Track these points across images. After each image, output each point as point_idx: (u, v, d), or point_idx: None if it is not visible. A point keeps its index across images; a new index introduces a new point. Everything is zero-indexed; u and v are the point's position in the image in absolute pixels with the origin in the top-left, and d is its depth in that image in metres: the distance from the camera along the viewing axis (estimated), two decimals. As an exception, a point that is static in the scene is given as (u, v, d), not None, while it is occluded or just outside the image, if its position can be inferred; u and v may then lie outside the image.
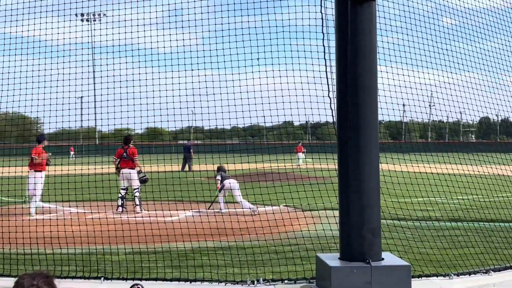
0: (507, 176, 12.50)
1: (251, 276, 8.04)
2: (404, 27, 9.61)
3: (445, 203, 14.76)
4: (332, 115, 7.40)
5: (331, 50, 7.35)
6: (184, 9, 9.69)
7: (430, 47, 9.88)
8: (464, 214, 13.48)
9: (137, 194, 16.78)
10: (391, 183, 10.01)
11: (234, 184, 16.68)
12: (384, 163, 7.52)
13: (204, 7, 9.98)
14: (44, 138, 16.80)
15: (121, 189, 16.68)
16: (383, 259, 6.63)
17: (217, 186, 17.16)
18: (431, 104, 10.37)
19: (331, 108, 7.48)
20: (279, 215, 9.76)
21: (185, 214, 14.24)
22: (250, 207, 15.34)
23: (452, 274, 8.00)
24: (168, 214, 13.63)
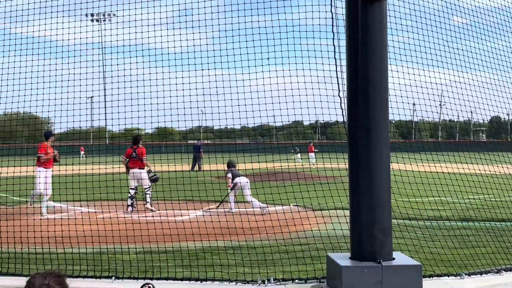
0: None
1: (262, 275, 8.04)
2: (414, 26, 9.59)
3: (456, 202, 14.69)
4: (343, 114, 7.39)
5: (341, 50, 7.35)
6: (194, 9, 9.71)
7: (440, 46, 9.84)
8: (475, 214, 13.42)
9: (149, 193, 16.85)
10: (402, 182, 9.97)
11: (244, 183, 16.65)
12: (394, 163, 7.50)
13: (214, 6, 9.99)
14: (52, 134, 16.64)
15: (131, 188, 16.73)
16: (394, 258, 6.61)
17: (228, 184, 17.09)
18: (441, 103, 10.34)
19: (341, 107, 7.47)
20: (289, 214, 9.75)
21: (195, 214, 14.26)
22: (260, 206, 15.31)
23: (463, 274, 7.96)
24: (178, 214, 13.66)
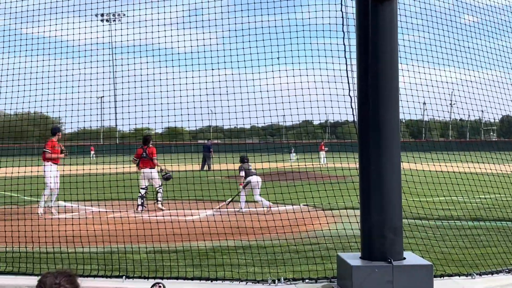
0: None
1: (272, 275, 8.03)
2: (425, 25, 9.56)
3: (466, 202, 14.64)
4: (353, 114, 7.38)
5: (351, 49, 7.33)
6: (205, 8, 9.72)
7: (451, 45, 9.81)
8: (486, 213, 13.37)
9: (160, 192, 16.91)
10: (412, 182, 9.95)
11: (256, 183, 16.56)
12: (405, 162, 7.47)
13: (224, 6, 10.00)
14: (59, 130, 16.30)
15: (141, 188, 16.77)
16: (404, 258, 6.59)
17: (240, 182, 16.93)
18: (452, 102, 10.30)
19: (351, 107, 7.46)
20: (299, 214, 9.75)
21: (205, 213, 14.28)
22: (270, 205, 15.30)
23: (474, 274, 7.94)
24: (188, 213, 13.68)
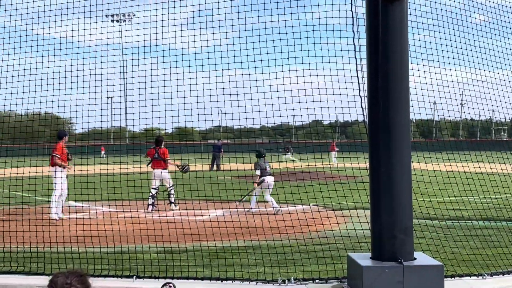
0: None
1: (282, 275, 8.03)
2: (436, 25, 9.54)
3: (477, 202, 14.59)
4: (363, 114, 7.36)
5: (361, 49, 7.32)
6: (214, 9, 9.74)
7: (461, 45, 9.78)
8: (496, 213, 13.31)
9: (172, 193, 16.96)
10: (423, 182, 9.92)
11: (270, 183, 16.48)
12: (415, 162, 7.46)
13: (234, 7, 10.01)
14: (65, 134, 15.88)
15: (152, 188, 16.82)
16: (415, 258, 6.58)
17: (255, 181, 16.77)
18: (462, 102, 10.27)
19: (361, 107, 7.44)
20: (309, 214, 9.74)
21: (215, 213, 14.29)
22: (279, 208, 15.29)
23: (485, 274, 7.91)
24: (198, 213, 13.69)
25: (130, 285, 7.80)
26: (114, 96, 11.63)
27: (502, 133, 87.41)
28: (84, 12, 10.42)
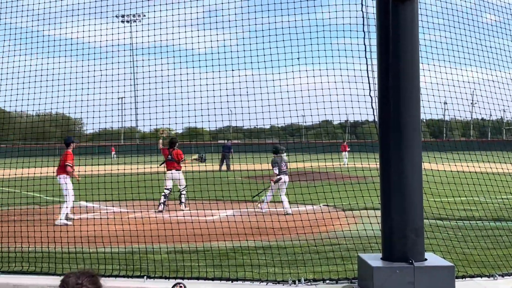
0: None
1: (292, 275, 8.04)
2: (446, 24, 9.50)
3: (488, 202, 14.52)
4: (374, 114, 7.35)
5: (372, 49, 7.30)
6: (225, 9, 9.74)
7: (472, 44, 9.74)
8: (508, 214, 13.26)
9: (184, 193, 17.01)
10: (434, 182, 9.90)
11: (286, 182, 16.41)
12: (426, 162, 7.43)
13: (244, 7, 10.02)
14: (72, 141, 15.67)
15: (165, 188, 16.91)
16: (426, 259, 6.56)
17: (271, 178, 16.66)
18: (473, 101, 10.23)
19: (372, 107, 7.42)
20: (319, 214, 9.74)
21: (226, 214, 14.31)
22: (289, 210, 15.29)
23: (496, 275, 7.88)
24: (209, 214, 13.73)
25: (141, 285, 7.82)
26: (124, 97, 11.63)
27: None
28: (95, 13, 10.47)
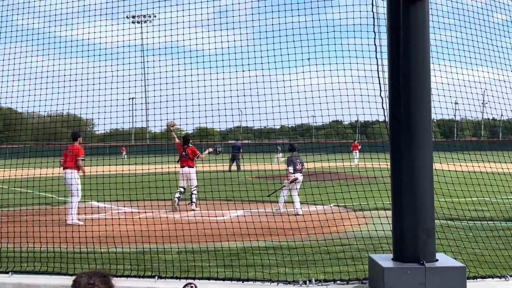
0: None
1: (303, 276, 8.05)
2: (457, 25, 9.48)
3: (499, 203, 14.45)
4: (384, 114, 7.35)
5: (382, 49, 7.30)
6: (235, 10, 9.76)
7: (483, 44, 9.71)
8: (519, 214, 13.20)
9: (195, 193, 17.07)
10: (444, 182, 9.88)
11: (300, 182, 16.35)
12: (436, 163, 7.42)
13: (255, 8, 10.03)
14: (79, 135, 15.40)
15: (180, 186, 17.02)
16: (437, 260, 6.55)
17: (287, 177, 16.68)
18: (484, 101, 10.20)
19: (383, 107, 7.42)
20: (330, 214, 9.73)
21: (236, 214, 14.33)
22: (300, 210, 15.28)
23: (507, 275, 7.85)
24: (219, 214, 13.75)
25: (152, 285, 7.85)
26: (135, 98, 11.68)
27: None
28: (106, 14, 10.52)
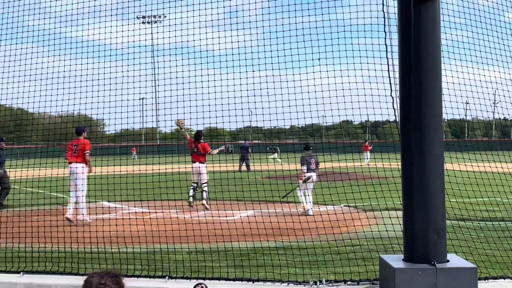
0: None
1: (313, 276, 8.04)
2: (468, 24, 9.44)
3: (511, 203, 14.39)
4: (395, 114, 7.33)
5: (393, 49, 7.29)
6: (245, 10, 9.77)
7: (494, 44, 9.66)
8: (531, 215, 13.13)
9: (206, 189, 17.03)
10: (455, 182, 9.83)
11: (314, 181, 16.28)
12: (447, 163, 7.39)
13: (265, 8, 10.03)
14: (84, 129, 15.03)
15: (193, 182, 17.02)
16: (448, 260, 6.52)
17: (300, 177, 16.61)
18: (495, 101, 10.15)
19: (393, 107, 7.40)
20: (340, 214, 9.72)
21: (246, 214, 14.32)
22: (310, 210, 15.25)
23: (520, 276, 7.82)
24: (229, 214, 13.75)
25: (162, 285, 7.87)
26: (146, 98, 11.71)
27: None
28: (117, 14, 10.56)
